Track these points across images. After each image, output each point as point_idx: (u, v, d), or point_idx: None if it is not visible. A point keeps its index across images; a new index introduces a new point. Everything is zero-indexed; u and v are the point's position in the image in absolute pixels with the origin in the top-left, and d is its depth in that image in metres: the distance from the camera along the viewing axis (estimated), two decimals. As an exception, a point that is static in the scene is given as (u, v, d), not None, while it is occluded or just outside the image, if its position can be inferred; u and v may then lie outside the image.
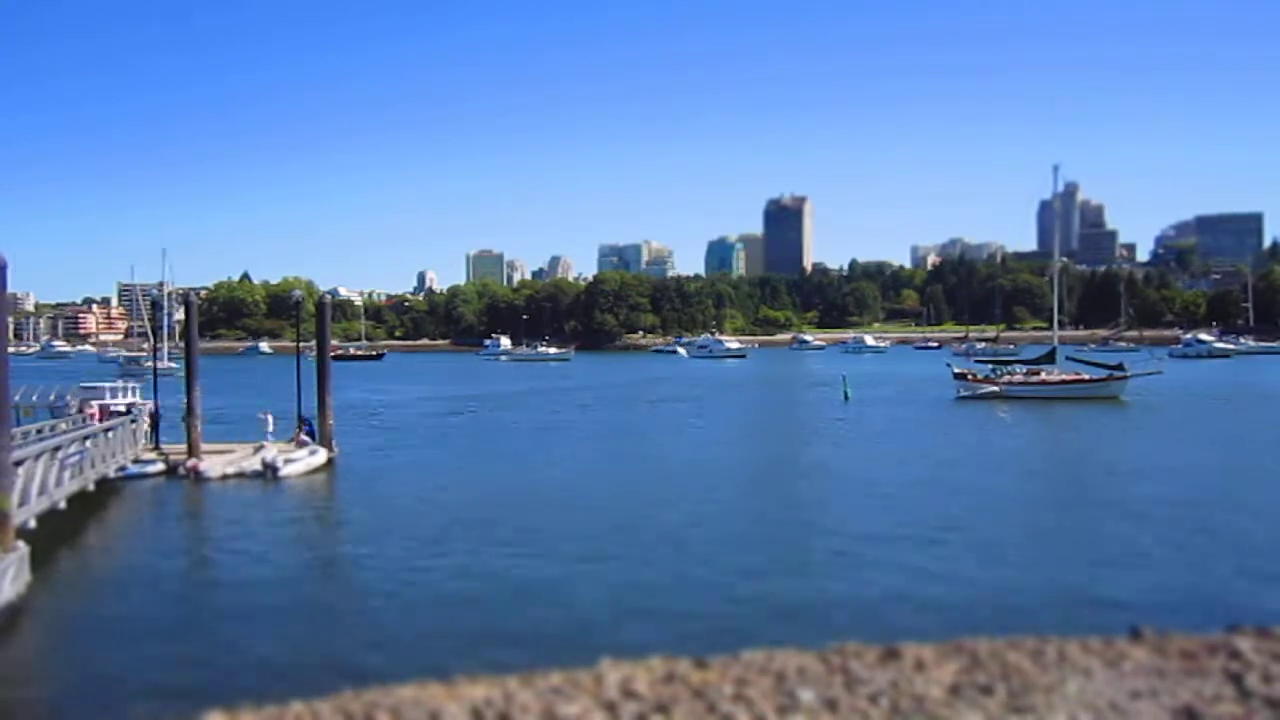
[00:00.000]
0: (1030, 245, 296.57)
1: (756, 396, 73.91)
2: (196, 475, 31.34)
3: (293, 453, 33.64)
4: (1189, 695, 3.52)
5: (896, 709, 3.44)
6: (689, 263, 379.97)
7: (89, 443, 27.11)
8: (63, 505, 22.96)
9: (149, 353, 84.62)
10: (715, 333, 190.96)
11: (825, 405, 60.46)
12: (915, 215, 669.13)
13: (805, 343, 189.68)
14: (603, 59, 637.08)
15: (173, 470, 32.39)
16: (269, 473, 31.46)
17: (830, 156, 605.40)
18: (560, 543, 21.67)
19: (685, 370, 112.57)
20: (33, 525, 20.09)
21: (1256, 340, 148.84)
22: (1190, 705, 3.44)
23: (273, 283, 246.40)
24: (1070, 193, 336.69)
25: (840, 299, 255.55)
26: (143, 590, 19.00)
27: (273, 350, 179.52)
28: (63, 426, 30.36)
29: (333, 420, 37.40)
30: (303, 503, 28.57)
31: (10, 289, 20.30)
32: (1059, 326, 69.90)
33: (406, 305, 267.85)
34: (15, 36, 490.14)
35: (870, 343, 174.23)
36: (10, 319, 27.73)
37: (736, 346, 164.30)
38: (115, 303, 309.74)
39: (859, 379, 75.01)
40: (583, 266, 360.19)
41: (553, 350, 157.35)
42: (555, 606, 16.79)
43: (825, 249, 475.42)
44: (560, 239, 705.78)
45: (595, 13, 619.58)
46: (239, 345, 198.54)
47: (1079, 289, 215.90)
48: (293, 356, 47.75)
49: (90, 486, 26.35)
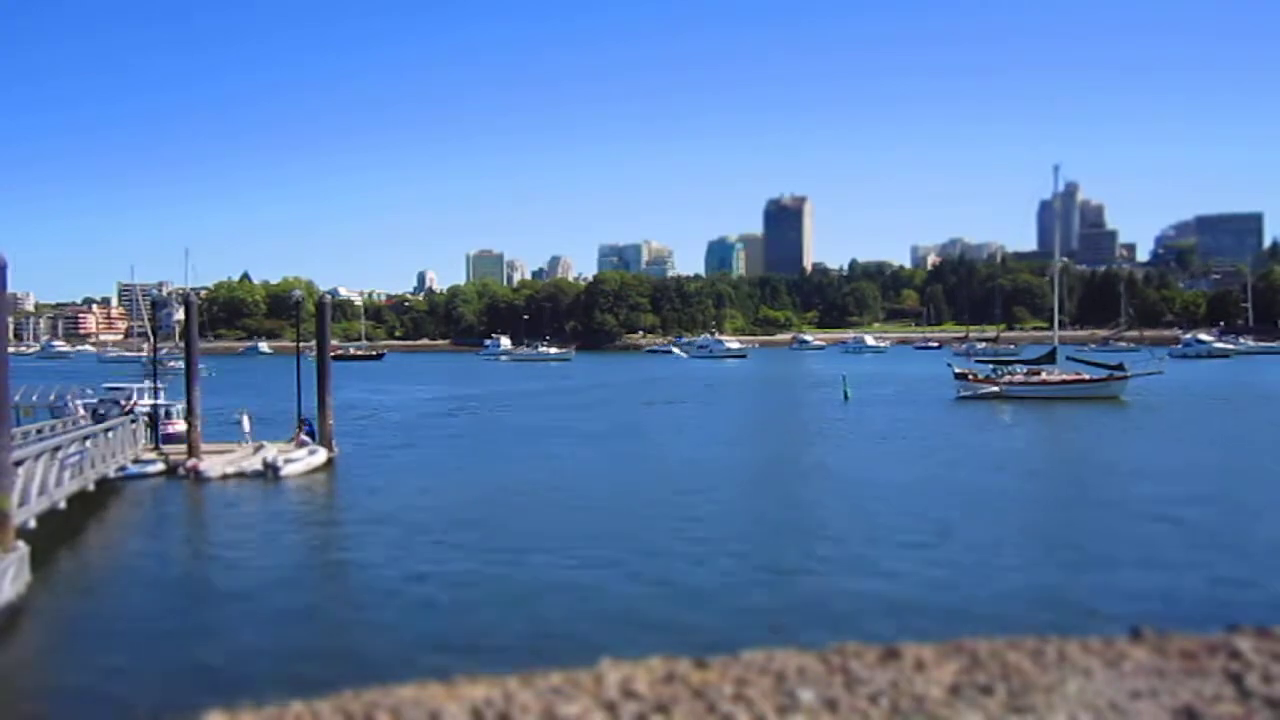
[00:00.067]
0: (1030, 245, 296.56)
1: (756, 397, 73.93)
2: (196, 475, 31.36)
3: (293, 453, 33.68)
4: (1189, 695, 3.53)
5: (896, 709, 3.44)
6: (689, 263, 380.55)
7: (89, 443, 27.13)
8: (63, 505, 22.96)
9: (170, 351, 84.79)
10: (715, 333, 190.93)
11: (825, 405, 60.47)
12: (915, 215, 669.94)
13: (805, 343, 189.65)
14: (603, 59, 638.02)
15: (173, 470, 32.41)
16: (270, 473, 31.50)
17: (830, 156, 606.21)
18: (560, 543, 21.67)
19: (685, 370, 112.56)
20: (33, 525, 20.09)
21: (1256, 340, 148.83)
22: (1190, 705, 3.44)
23: (273, 283, 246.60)
24: (1070, 193, 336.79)
25: (840, 299, 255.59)
26: (143, 590, 19.02)
27: (272, 350, 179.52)
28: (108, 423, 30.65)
29: (333, 420, 37.44)
30: (303, 503, 28.58)
31: (10, 289, 20.30)
32: (1059, 326, 69.96)
33: (406, 305, 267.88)
34: (15, 36, 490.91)
35: (870, 343, 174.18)
36: (10, 319, 27.74)
37: (737, 346, 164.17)
38: (115, 303, 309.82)
39: (859, 379, 75.02)
40: (583, 266, 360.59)
41: (553, 350, 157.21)
42: (555, 606, 16.79)
43: (825, 249, 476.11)
44: (560, 239, 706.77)
45: (595, 13, 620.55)
46: (239, 345, 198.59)
47: (1079, 289, 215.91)
48: (292, 356, 47.74)
49: (90, 486, 26.36)
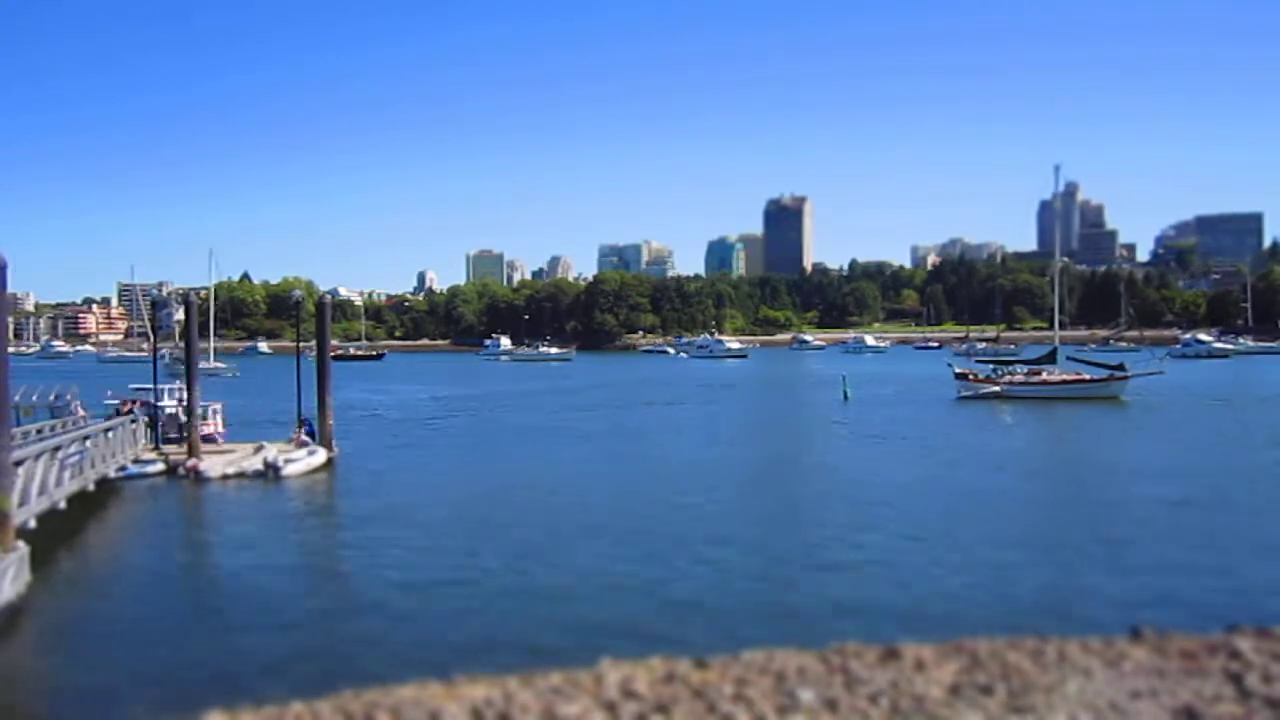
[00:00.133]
0: (1030, 245, 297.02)
1: (757, 397, 73.94)
2: (196, 475, 31.37)
3: (293, 453, 33.69)
4: (1189, 695, 3.52)
5: (896, 709, 3.44)
6: (689, 263, 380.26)
7: (89, 443, 27.14)
8: (63, 505, 22.97)
9: (200, 352, 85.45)
10: (715, 333, 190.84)
11: (825, 405, 60.48)
12: (915, 215, 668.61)
13: (805, 343, 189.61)
14: (603, 59, 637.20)
15: (173, 470, 32.42)
16: (270, 473, 31.51)
17: (830, 156, 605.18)
18: (560, 542, 21.69)
19: (686, 370, 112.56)
20: (33, 525, 20.10)
21: (1256, 340, 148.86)
22: (1190, 705, 3.44)
23: (273, 283, 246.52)
24: (1070, 193, 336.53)
25: (840, 299, 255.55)
26: (143, 590, 19.03)
27: (272, 350, 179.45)
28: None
29: (333, 420, 37.45)
30: (303, 503, 28.59)
31: (10, 289, 20.31)
32: (1059, 326, 69.97)
33: (406, 305, 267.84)
34: (15, 36, 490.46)
35: (870, 343, 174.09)
36: (10, 319, 27.74)
37: (737, 346, 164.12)
38: (115, 303, 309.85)
39: (859, 379, 75.02)
40: (583, 266, 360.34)
41: (553, 350, 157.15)
42: (555, 606, 16.80)
43: (825, 249, 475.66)
44: (560, 239, 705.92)
45: (595, 13, 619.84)
46: (239, 345, 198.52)
47: (1079, 289, 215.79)
48: (292, 356, 47.75)
49: (90, 486, 26.37)
